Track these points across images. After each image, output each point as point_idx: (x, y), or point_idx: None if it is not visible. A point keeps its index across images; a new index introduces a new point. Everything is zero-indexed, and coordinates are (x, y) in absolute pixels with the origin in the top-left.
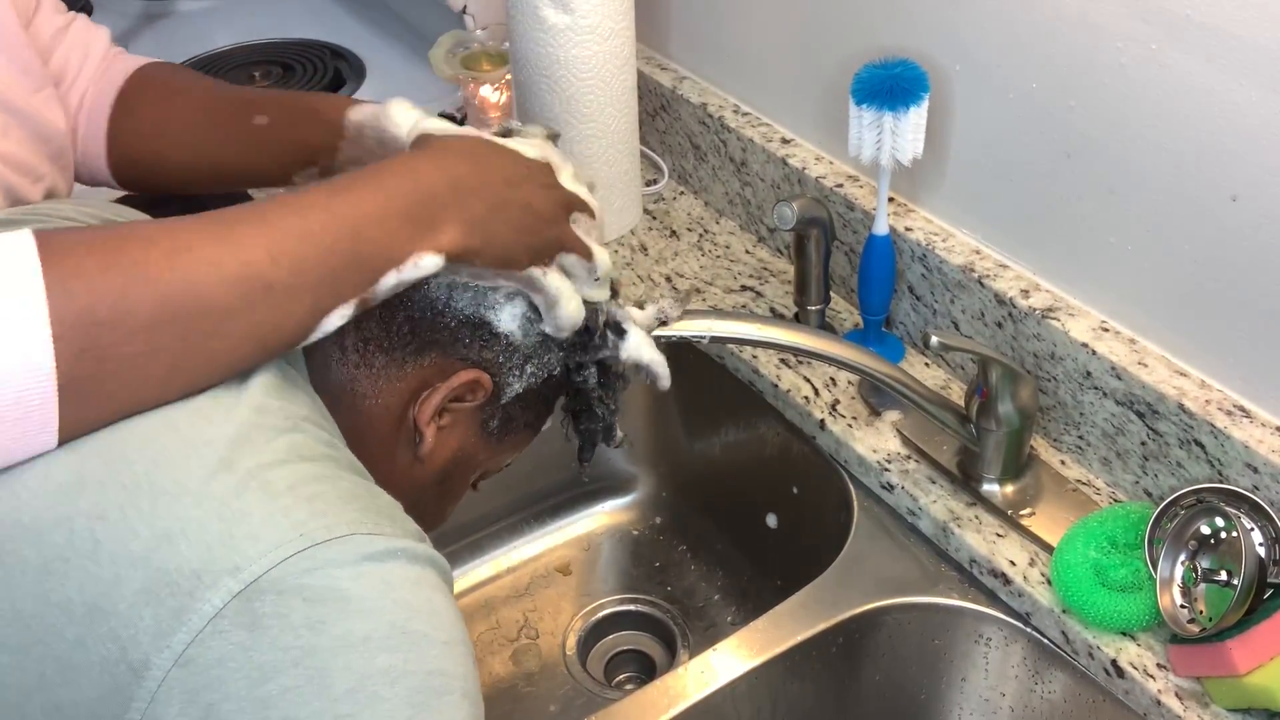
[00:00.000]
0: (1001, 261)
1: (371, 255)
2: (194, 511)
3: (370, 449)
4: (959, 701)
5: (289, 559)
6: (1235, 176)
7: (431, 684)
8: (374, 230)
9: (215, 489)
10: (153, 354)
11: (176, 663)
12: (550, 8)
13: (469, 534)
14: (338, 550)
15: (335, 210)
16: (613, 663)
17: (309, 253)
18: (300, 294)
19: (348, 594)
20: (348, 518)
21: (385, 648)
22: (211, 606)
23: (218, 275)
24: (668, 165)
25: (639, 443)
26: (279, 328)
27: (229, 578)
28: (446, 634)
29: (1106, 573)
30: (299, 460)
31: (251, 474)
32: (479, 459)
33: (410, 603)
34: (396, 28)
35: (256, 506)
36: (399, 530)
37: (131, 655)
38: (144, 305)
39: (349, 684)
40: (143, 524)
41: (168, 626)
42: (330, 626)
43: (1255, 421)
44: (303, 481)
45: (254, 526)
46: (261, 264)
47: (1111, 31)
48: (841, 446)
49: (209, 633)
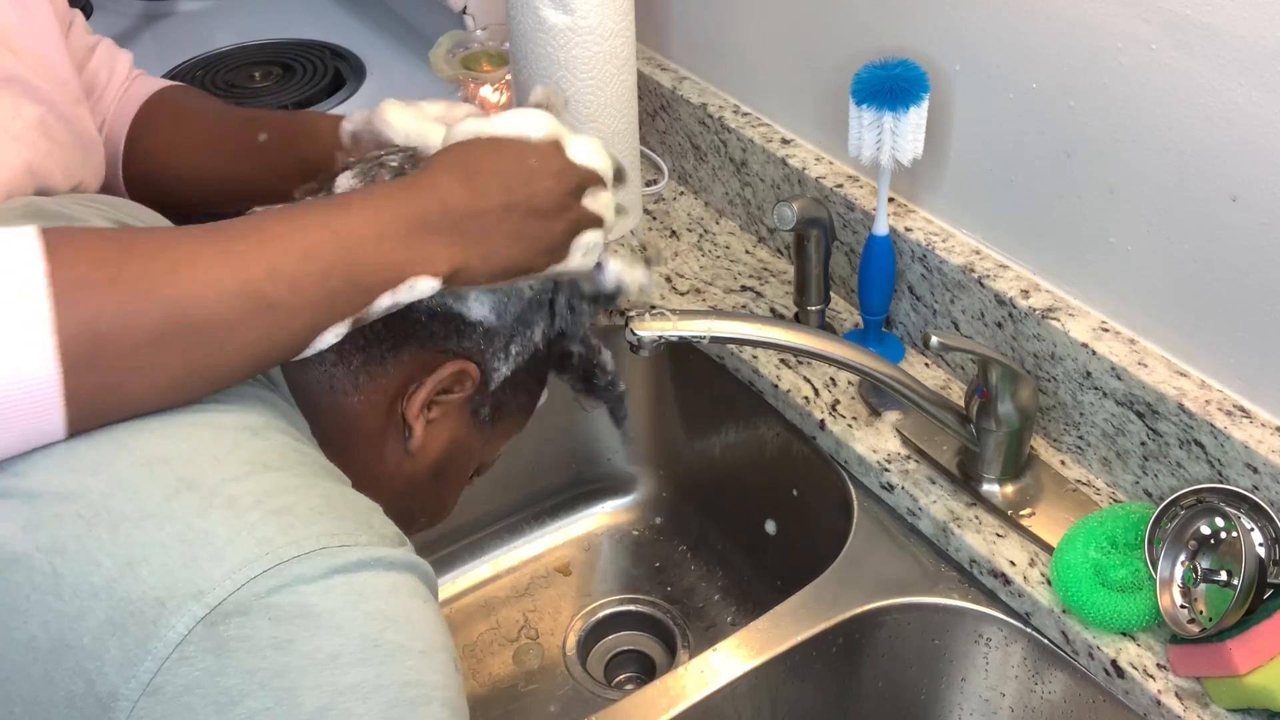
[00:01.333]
0: (1001, 261)
1: (368, 277)
2: (156, 535)
3: (358, 447)
4: (959, 701)
5: (255, 578)
6: (1235, 176)
7: (407, 696)
8: (371, 252)
9: (177, 509)
10: (155, 367)
11: (144, 692)
12: (550, 8)
13: (469, 534)
14: (307, 565)
15: (334, 229)
16: (613, 663)
17: (308, 271)
18: (298, 312)
19: (315, 610)
20: (317, 530)
21: (356, 662)
22: (176, 633)
23: (221, 291)
24: (668, 165)
25: (639, 443)
26: (275, 344)
27: (193, 602)
28: (424, 642)
29: (1106, 573)
30: (264, 470)
31: (214, 490)
32: (473, 448)
33: (384, 613)
34: (396, 28)
35: (221, 525)
36: (374, 538)
37: (99, 688)
38: (148, 319)
39: (319, 703)
40: (103, 554)
41: (134, 656)
42: (298, 645)
43: (1255, 421)
44: (269, 494)
45: (218, 547)
46: (262, 281)
47: (1111, 31)
48: (841, 447)
49: (175, 659)
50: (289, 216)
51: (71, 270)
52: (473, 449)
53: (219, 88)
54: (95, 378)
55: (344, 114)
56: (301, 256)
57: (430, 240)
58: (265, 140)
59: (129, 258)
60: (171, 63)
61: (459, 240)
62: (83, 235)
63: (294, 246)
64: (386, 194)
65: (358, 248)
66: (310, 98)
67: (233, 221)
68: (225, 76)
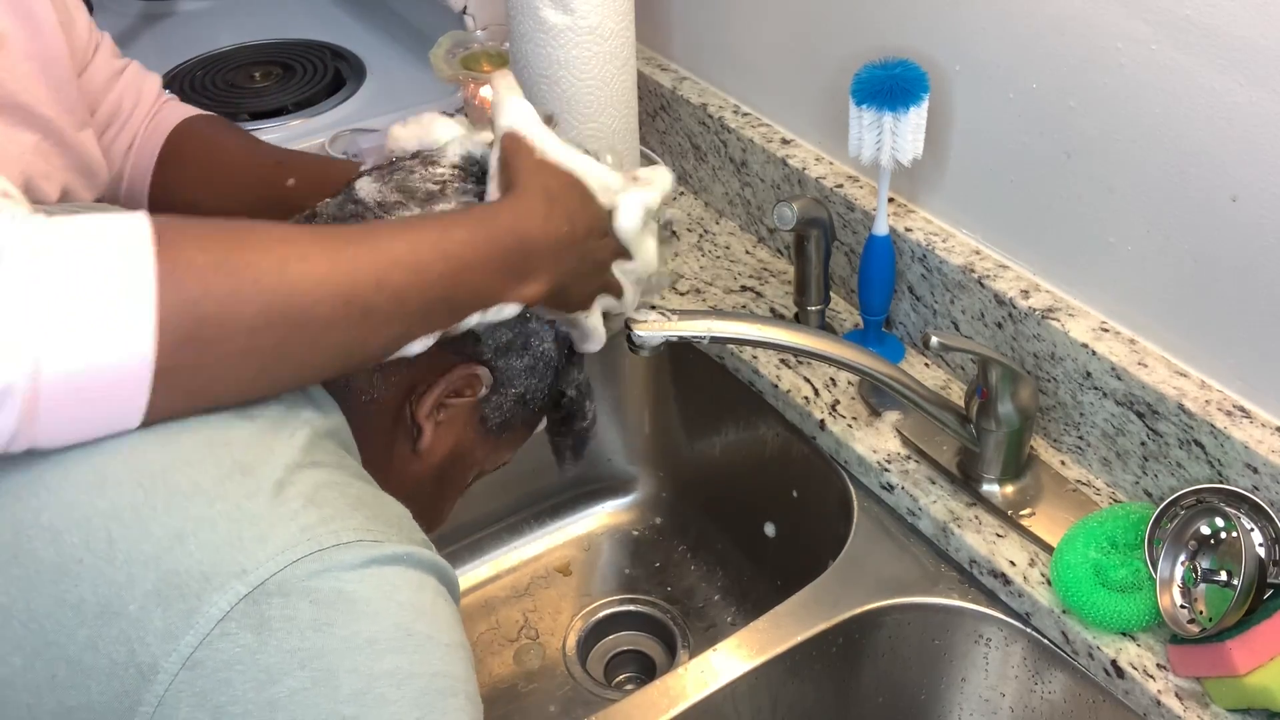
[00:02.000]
0: (1001, 261)
1: (466, 298)
2: (206, 511)
3: (367, 444)
4: (959, 701)
5: (296, 562)
6: (1235, 176)
7: (437, 685)
8: (475, 275)
9: (229, 490)
10: (247, 354)
11: (184, 665)
12: (550, 8)
13: (469, 534)
14: (344, 554)
15: (444, 249)
16: (613, 663)
17: (412, 285)
18: (394, 321)
19: (354, 596)
20: (355, 524)
21: (391, 649)
22: (219, 609)
23: (324, 291)
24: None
25: (639, 443)
26: (366, 346)
27: (236, 580)
28: (449, 637)
29: (1106, 573)
30: (312, 466)
31: (266, 477)
32: (476, 456)
33: (414, 605)
34: (396, 28)
35: (266, 510)
36: (404, 538)
37: (140, 658)
38: (249, 307)
39: (356, 686)
40: (156, 524)
41: (176, 629)
42: (337, 628)
43: (1255, 422)
44: (314, 488)
45: (263, 530)
46: (367, 288)
47: (1111, 31)
48: (841, 447)
49: (216, 635)
50: (401, 230)
51: (179, 252)
52: (476, 456)
53: (219, 88)
54: (188, 358)
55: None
56: (409, 270)
57: (532, 270)
58: (294, 185)
59: (239, 247)
60: (171, 63)
61: (555, 273)
62: (193, 221)
63: (403, 261)
64: (492, 218)
65: (464, 271)
66: (310, 98)
67: (345, 226)
68: (225, 76)
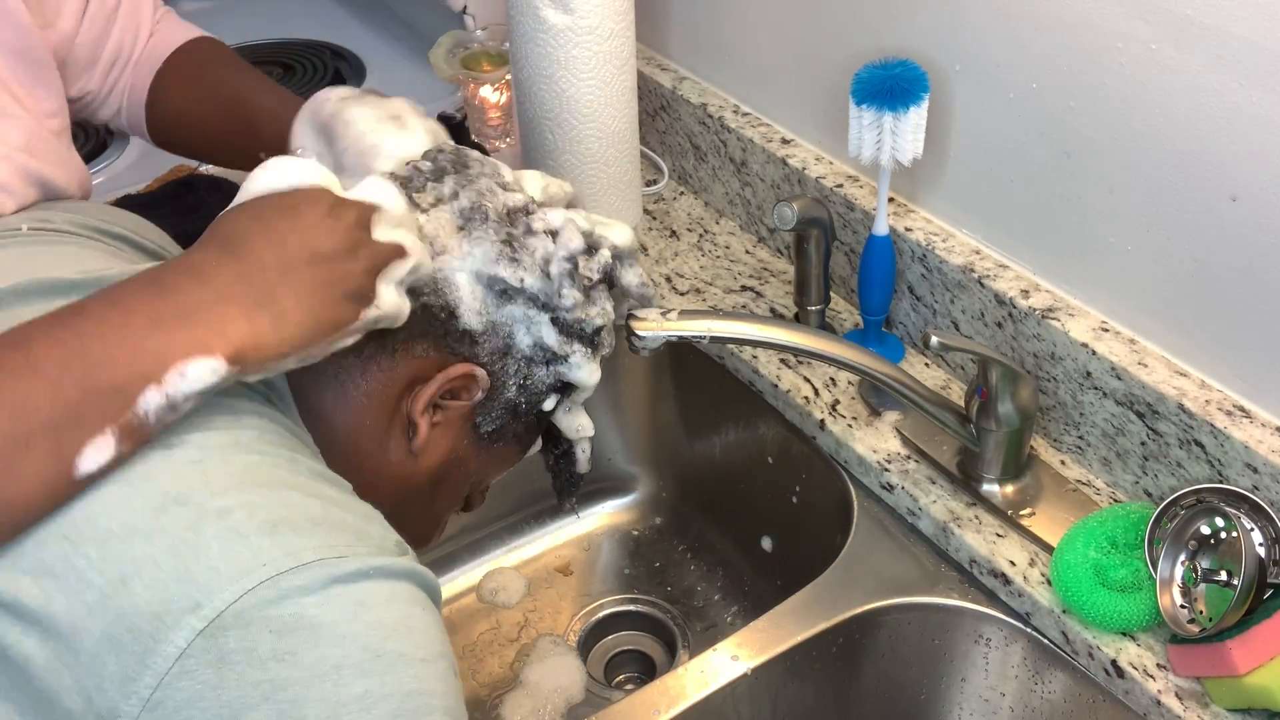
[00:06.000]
0: (1001, 261)
1: (114, 378)
2: (146, 549)
3: (362, 442)
4: (959, 701)
5: (252, 590)
6: (1235, 176)
7: (410, 705)
8: (110, 349)
9: (166, 524)
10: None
11: (144, 708)
12: (550, 8)
13: (469, 534)
14: (304, 577)
15: (58, 337)
16: (613, 663)
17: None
18: (29, 441)
19: (316, 621)
20: (314, 543)
21: (359, 673)
22: (175, 647)
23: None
24: (668, 165)
25: (639, 443)
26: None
27: (190, 615)
28: (425, 651)
29: (1106, 573)
30: (255, 484)
31: (204, 504)
32: (470, 464)
33: (384, 622)
34: (396, 28)
35: (213, 538)
36: (372, 547)
37: (98, 705)
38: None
39: (323, 715)
40: (93, 572)
41: (133, 672)
42: (300, 656)
43: (1255, 421)
44: (262, 506)
45: (212, 559)
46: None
47: (1111, 31)
48: (841, 447)
49: (175, 674)
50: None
51: None
52: (470, 465)
53: None
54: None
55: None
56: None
57: (191, 322)
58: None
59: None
60: None
61: (233, 313)
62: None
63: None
64: (125, 289)
65: (91, 347)
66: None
67: None
68: None
